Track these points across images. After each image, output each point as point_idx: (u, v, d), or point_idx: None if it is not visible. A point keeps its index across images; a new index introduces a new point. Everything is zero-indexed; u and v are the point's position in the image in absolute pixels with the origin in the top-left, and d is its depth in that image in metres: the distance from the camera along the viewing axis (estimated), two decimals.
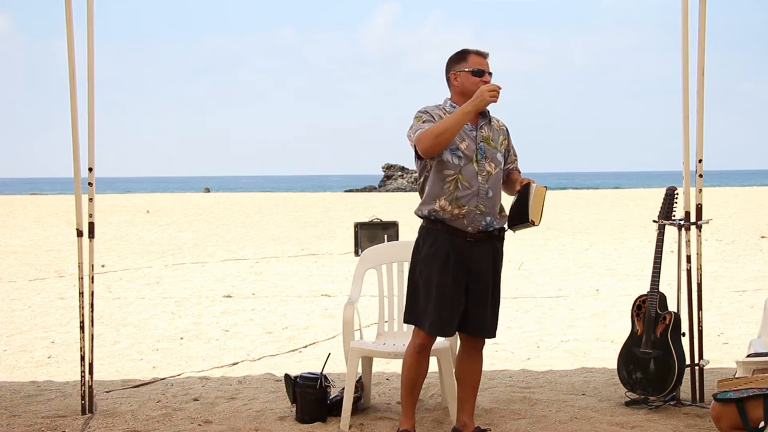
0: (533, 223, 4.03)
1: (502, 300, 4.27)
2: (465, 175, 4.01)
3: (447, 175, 4.01)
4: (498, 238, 4.14)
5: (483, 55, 4.13)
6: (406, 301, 4.17)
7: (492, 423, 4.49)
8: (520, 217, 4.06)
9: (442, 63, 4.19)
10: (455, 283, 4.04)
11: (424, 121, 4.02)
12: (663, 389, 4.70)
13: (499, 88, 3.95)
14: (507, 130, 4.27)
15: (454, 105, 4.09)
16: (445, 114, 4.05)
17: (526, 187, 4.07)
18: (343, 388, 4.60)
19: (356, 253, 13.17)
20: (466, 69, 4.08)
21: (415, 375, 4.17)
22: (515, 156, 4.29)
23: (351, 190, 54.56)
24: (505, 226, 4.15)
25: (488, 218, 4.05)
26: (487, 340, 4.29)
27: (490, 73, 4.12)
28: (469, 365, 4.23)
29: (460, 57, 4.12)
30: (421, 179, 4.13)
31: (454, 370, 4.47)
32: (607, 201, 31.45)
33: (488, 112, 4.17)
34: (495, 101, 3.95)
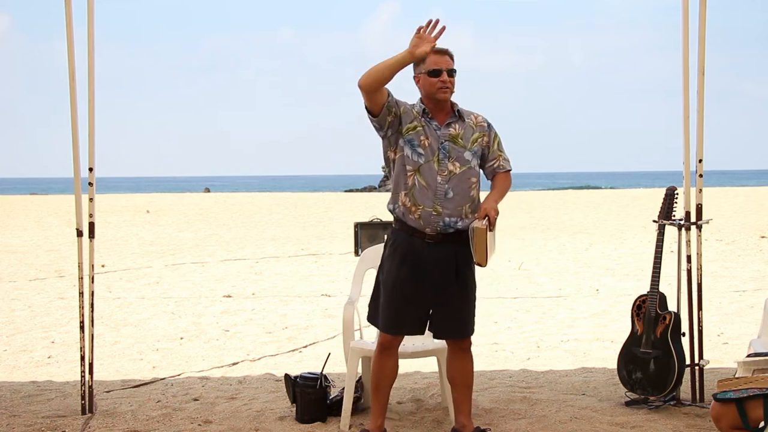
0: (479, 264, 3.96)
1: (502, 300, 4.28)
2: (423, 174, 3.99)
3: (408, 170, 4.00)
4: (460, 239, 4.01)
5: (441, 53, 4.02)
6: (369, 300, 4.20)
7: (492, 423, 4.49)
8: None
9: None
10: (413, 282, 4.02)
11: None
12: (663, 389, 4.70)
13: (433, 39, 3.83)
14: (488, 126, 4.15)
15: (423, 105, 4.07)
16: (413, 114, 4.04)
17: (471, 230, 3.93)
18: (343, 388, 4.61)
19: (356, 253, 13.18)
20: (424, 71, 4.03)
21: (379, 375, 4.18)
22: (500, 152, 4.15)
23: (351, 190, 54.57)
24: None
25: (447, 219, 3.99)
26: (485, 340, 4.30)
27: (451, 70, 4.03)
28: (458, 365, 4.20)
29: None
30: (389, 170, 4.11)
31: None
32: (607, 201, 31.45)
33: (458, 109, 4.10)
34: (415, 50, 3.82)
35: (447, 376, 4.30)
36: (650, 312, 4.76)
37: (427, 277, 4.02)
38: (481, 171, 4.17)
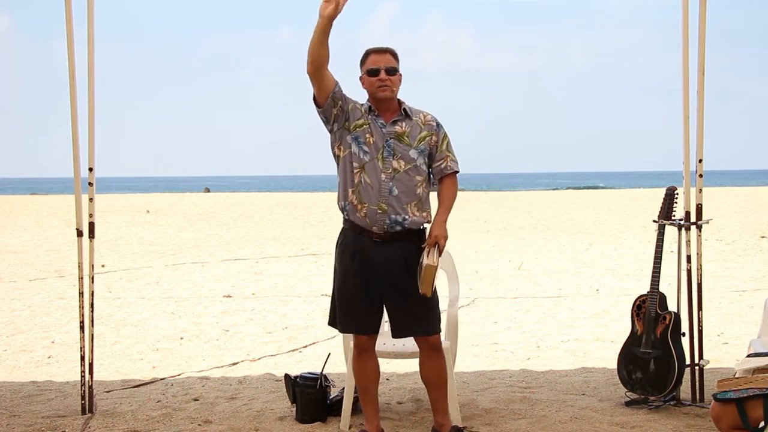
0: (424, 295, 3.97)
1: (502, 300, 4.27)
2: (368, 171, 4.00)
3: (354, 167, 4.02)
4: (409, 238, 4.02)
5: (380, 52, 4.05)
6: (330, 302, 4.23)
7: (492, 423, 4.49)
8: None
9: (442, 63, 4.21)
10: (361, 282, 4.03)
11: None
12: (663, 389, 4.70)
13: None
14: (437, 125, 4.12)
15: (369, 102, 4.09)
16: (361, 111, 4.06)
17: (420, 266, 3.94)
18: (343, 388, 4.61)
19: None
20: (365, 71, 4.07)
21: (362, 377, 4.20)
22: (448, 153, 4.12)
23: None
24: (425, 225, 4.08)
25: (393, 217, 3.99)
26: (485, 340, 4.30)
27: (390, 68, 4.02)
28: (429, 365, 4.17)
29: (362, 60, 4.09)
30: (336, 166, 4.12)
31: (452, 371, 4.48)
32: (607, 201, 31.45)
33: (405, 108, 4.09)
34: (323, 12, 3.78)
35: (421, 377, 4.27)
36: (650, 312, 4.76)
37: (376, 276, 4.03)
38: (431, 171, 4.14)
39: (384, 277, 4.02)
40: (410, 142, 4.05)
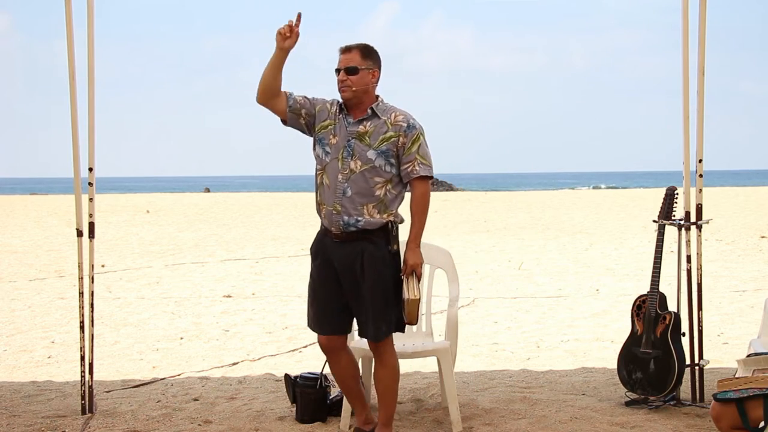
0: (410, 323, 4.04)
1: (502, 300, 4.27)
2: (327, 172, 3.99)
3: (317, 169, 4.05)
4: (365, 237, 3.95)
5: (345, 51, 3.99)
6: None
7: (492, 423, 4.49)
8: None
9: (442, 62, 4.18)
10: (325, 282, 4.06)
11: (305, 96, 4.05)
12: (663, 389, 4.70)
13: (287, 29, 3.84)
14: (408, 126, 3.95)
15: (340, 101, 4.06)
16: (329, 112, 4.04)
17: (404, 301, 3.96)
18: None
19: None
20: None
21: (339, 375, 4.22)
22: (417, 156, 3.94)
23: None
24: (393, 225, 4.02)
25: (346, 218, 3.94)
26: (486, 341, 4.30)
27: (350, 68, 3.94)
28: (376, 370, 4.14)
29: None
30: None
31: (452, 371, 4.49)
32: (607, 201, 31.44)
33: (374, 106, 4.00)
34: (283, 44, 3.84)
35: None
36: (650, 312, 4.76)
37: (336, 276, 4.04)
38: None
39: (344, 278, 4.02)
40: (371, 142, 3.95)
